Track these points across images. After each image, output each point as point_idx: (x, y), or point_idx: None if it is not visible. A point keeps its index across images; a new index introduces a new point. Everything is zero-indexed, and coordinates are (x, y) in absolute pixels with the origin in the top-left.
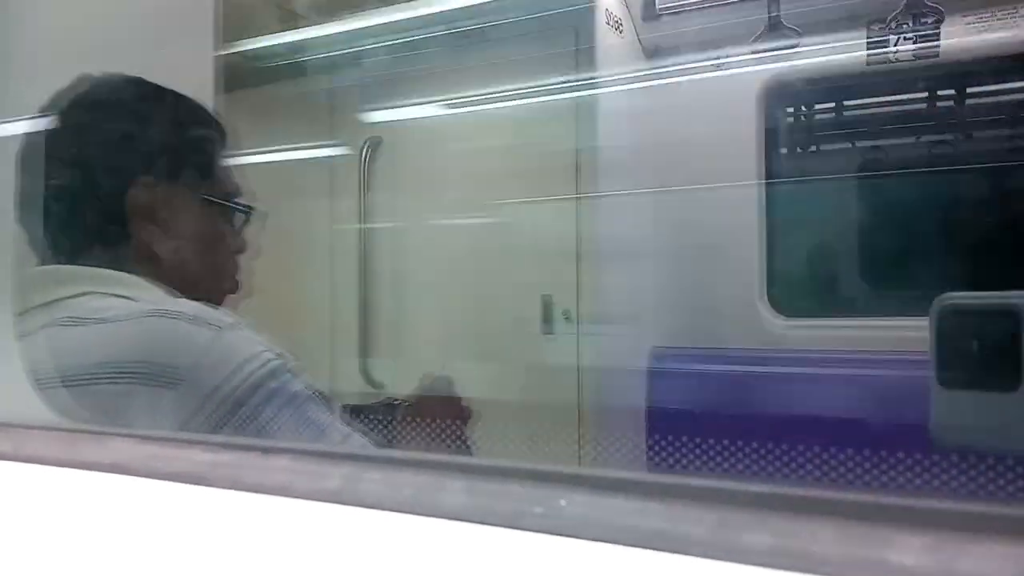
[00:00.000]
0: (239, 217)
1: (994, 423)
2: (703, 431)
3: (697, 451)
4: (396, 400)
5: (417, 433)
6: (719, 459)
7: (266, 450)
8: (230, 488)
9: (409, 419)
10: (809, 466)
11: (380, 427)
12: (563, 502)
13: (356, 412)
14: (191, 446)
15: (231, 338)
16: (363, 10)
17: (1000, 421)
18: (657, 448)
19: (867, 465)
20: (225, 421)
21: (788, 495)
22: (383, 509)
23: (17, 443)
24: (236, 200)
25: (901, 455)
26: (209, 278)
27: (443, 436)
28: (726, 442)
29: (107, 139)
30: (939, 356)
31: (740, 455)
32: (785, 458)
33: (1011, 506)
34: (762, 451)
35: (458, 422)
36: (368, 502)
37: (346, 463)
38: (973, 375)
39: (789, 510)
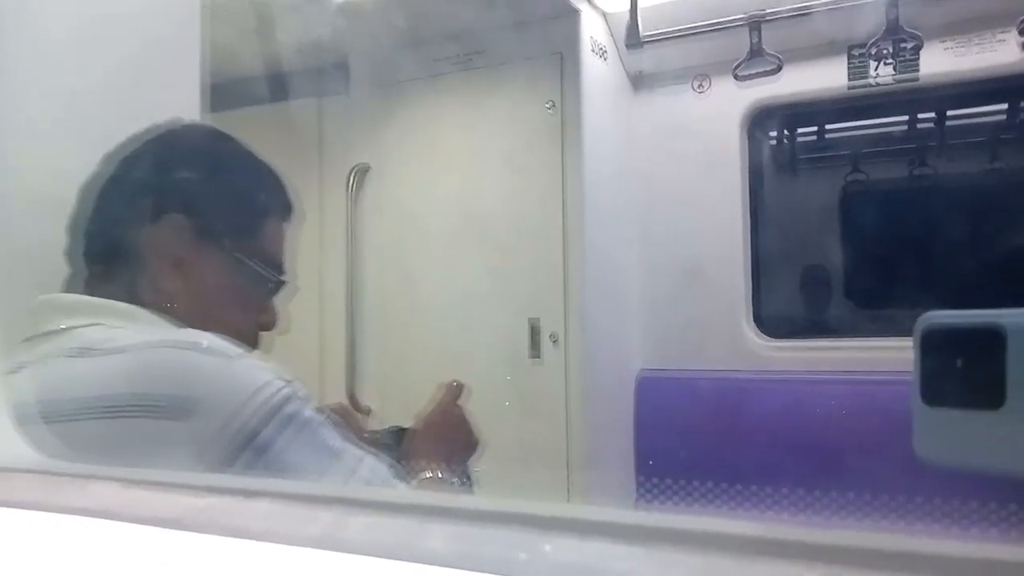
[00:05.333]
0: (270, 287)
1: (977, 441)
2: (690, 455)
3: (685, 475)
4: (404, 427)
5: (423, 461)
6: (705, 482)
7: (249, 493)
8: (213, 533)
9: (417, 445)
10: (797, 491)
11: (388, 454)
12: (548, 547)
13: (362, 439)
14: (176, 490)
15: (241, 367)
16: None
17: (983, 439)
18: (646, 475)
19: (855, 491)
20: (241, 450)
21: (776, 539)
22: (367, 555)
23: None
24: (272, 270)
25: (890, 481)
26: (223, 333)
27: (447, 465)
28: (712, 467)
29: (156, 176)
30: (922, 374)
31: (726, 482)
32: (771, 487)
33: (1010, 549)
34: (748, 478)
35: (465, 451)
36: (351, 547)
37: (330, 507)
38: (956, 393)
39: (778, 555)
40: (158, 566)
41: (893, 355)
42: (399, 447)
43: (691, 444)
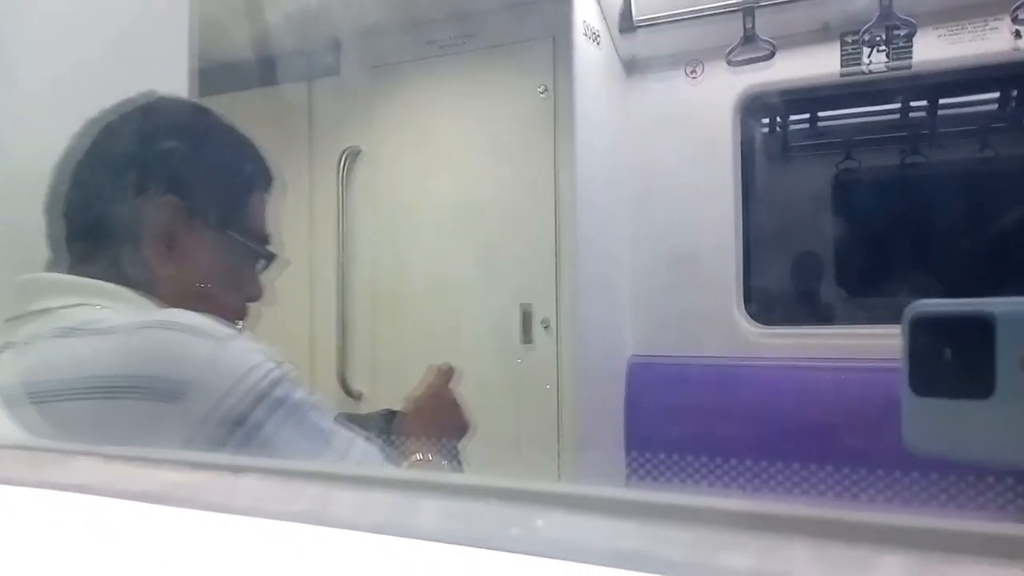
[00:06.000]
0: (259, 262)
1: (966, 431)
2: (680, 440)
3: (675, 458)
4: (395, 410)
5: (414, 443)
6: (696, 467)
7: (235, 469)
8: (198, 508)
9: (408, 428)
10: (786, 471)
11: (379, 437)
12: (539, 522)
13: (354, 422)
14: (159, 465)
15: (232, 349)
16: None
17: (972, 429)
18: (636, 460)
19: (843, 472)
20: (230, 433)
21: (765, 514)
22: (354, 529)
23: None
24: (261, 244)
25: (877, 465)
26: (213, 312)
27: (438, 448)
28: (702, 450)
29: (143, 153)
30: (911, 363)
31: (716, 464)
32: (761, 466)
33: (992, 524)
34: (738, 460)
35: (456, 433)
36: (338, 523)
37: (316, 482)
38: (945, 382)
39: (766, 529)
40: (142, 541)
41: (884, 343)
42: (390, 430)
43: (681, 430)
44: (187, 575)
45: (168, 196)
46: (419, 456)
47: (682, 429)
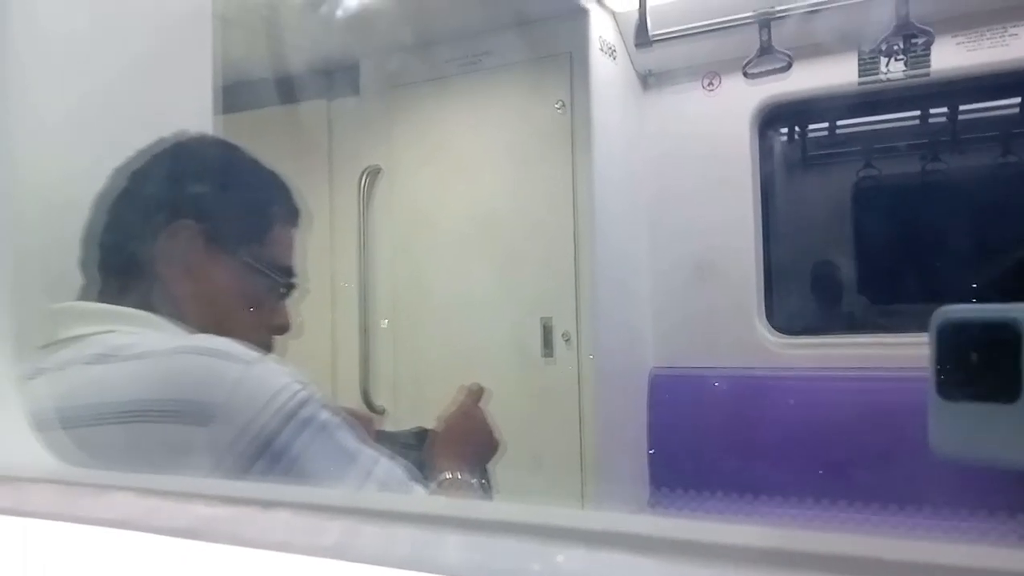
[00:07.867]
0: (281, 291)
1: (993, 435)
2: (703, 452)
3: (698, 472)
4: (426, 428)
5: (445, 462)
6: (719, 479)
7: (265, 504)
8: (229, 543)
9: (439, 446)
10: (810, 485)
11: (410, 455)
12: (560, 558)
13: (386, 440)
14: (191, 499)
15: (259, 372)
16: None
17: (999, 433)
18: (659, 472)
19: (866, 489)
20: (260, 454)
21: (787, 550)
22: (381, 565)
23: (17, 497)
24: (281, 275)
25: (903, 476)
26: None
27: (468, 466)
28: (725, 464)
29: (169, 187)
30: (938, 368)
31: (739, 479)
32: (784, 478)
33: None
34: (760, 475)
35: (486, 453)
36: (366, 558)
37: (344, 517)
38: (972, 387)
39: (788, 566)
40: None
41: (907, 351)
42: (422, 448)
43: (704, 441)
44: None
45: (187, 222)
46: (448, 475)
47: (705, 441)
